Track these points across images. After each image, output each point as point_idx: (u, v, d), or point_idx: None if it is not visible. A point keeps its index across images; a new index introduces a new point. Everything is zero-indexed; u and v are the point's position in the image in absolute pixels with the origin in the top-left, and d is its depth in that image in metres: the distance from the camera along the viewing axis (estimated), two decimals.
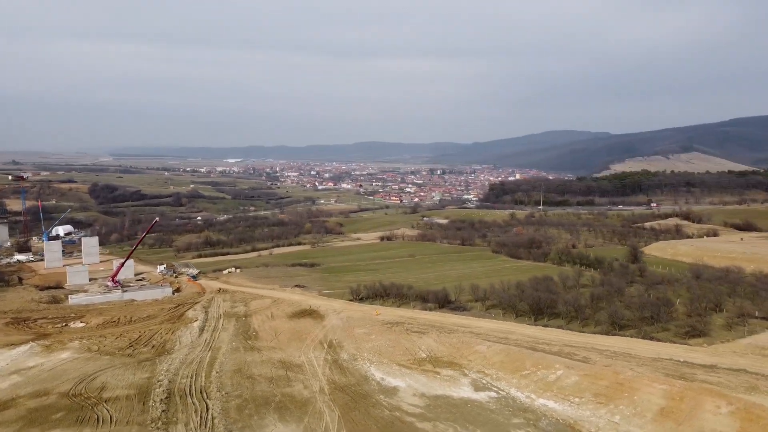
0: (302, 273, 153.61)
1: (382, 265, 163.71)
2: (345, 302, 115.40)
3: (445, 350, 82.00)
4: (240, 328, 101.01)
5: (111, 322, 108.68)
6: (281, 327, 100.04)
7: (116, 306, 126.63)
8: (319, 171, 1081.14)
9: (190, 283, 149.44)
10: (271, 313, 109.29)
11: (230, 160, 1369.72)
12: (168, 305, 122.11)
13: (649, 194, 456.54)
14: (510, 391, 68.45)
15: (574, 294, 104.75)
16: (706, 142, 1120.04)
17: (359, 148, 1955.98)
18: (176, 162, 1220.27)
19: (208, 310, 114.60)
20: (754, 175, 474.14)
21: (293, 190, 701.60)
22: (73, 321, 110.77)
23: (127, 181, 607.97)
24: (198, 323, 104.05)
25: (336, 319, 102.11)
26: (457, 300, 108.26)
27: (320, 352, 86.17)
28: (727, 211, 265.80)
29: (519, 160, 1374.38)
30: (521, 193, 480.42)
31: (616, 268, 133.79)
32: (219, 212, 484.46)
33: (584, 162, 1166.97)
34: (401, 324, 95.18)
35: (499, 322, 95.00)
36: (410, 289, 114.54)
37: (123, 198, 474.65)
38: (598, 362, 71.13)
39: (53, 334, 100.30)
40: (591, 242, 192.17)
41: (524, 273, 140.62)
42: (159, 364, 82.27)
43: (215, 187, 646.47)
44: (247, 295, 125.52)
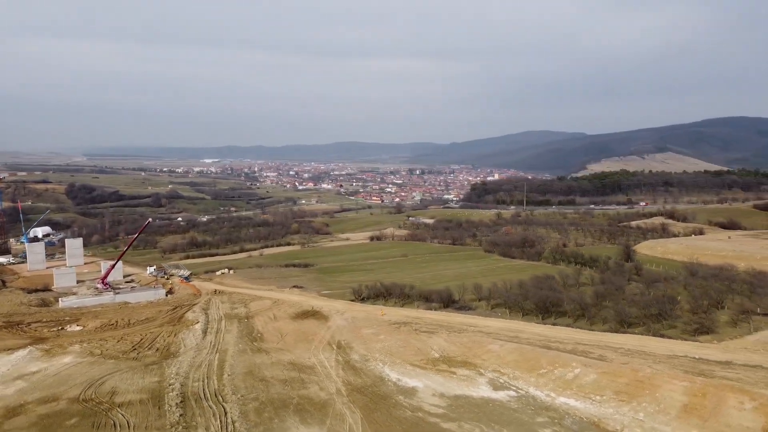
0: (297, 274, 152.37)
1: (376, 265, 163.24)
2: (347, 303, 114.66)
3: (457, 350, 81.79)
4: (244, 330, 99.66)
5: (109, 325, 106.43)
6: (286, 328, 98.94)
7: (110, 309, 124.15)
8: (297, 171, 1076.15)
9: (183, 285, 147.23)
10: (273, 314, 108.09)
11: (207, 160, 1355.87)
12: (165, 307, 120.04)
13: (629, 194, 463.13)
14: (529, 390, 68.46)
15: (578, 292, 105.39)
16: (680, 142, 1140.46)
17: (337, 148, 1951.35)
18: (152, 162, 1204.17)
19: (207, 312, 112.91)
20: (729, 174, 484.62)
21: (273, 190, 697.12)
22: (68, 324, 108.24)
23: (103, 181, 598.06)
24: (200, 325, 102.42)
25: (341, 320, 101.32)
26: (461, 299, 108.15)
27: (330, 353, 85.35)
28: (710, 209, 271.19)
29: (497, 160, 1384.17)
30: (503, 193, 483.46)
31: (611, 266, 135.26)
32: (199, 213, 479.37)
33: (561, 162, 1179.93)
34: (409, 324, 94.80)
35: (507, 321, 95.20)
36: (412, 289, 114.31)
37: (101, 199, 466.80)
38: (615, 360, 71.56)
39: (50, 338, 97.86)
40: (581, 241, 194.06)
41: (520, 272, 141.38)
42: (167, 367, 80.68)
43: (194, 187, 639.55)
44: (245, 297, 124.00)
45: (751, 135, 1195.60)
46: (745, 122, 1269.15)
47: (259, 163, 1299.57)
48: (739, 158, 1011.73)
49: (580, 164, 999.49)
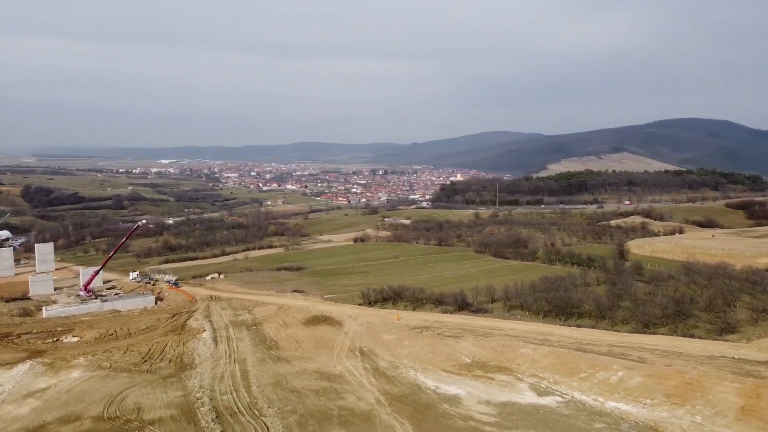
0: (291, 277, 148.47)
1: (371, 267, 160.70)
2: (356, 307, 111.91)
3: (488, 354, 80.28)
4: (256, 337, 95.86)
5: (108, 335, 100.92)
6: (300, 335, 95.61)
7: (103, 318, 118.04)
8: (259, 172, 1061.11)
9: (172, 291, 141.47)
10: (282, 320, 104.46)
11: (164, 161, 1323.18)
12: (163, 315, 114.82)
13: (594, 193, 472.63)
14: (574, 394, 67.42)
15: (587, 292, 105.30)
16: (635, 142, 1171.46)
17: (297, 148, 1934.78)
18: (106, 163, 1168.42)
19: (210, 319, 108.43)
20: (689, 174, 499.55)
21: (237, 191, 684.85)
22: (64, 335, 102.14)
23: (58, 183, 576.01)
24: (208, 334, 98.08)
25: (355, 325, 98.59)
26: (474, 302, 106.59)
27: (355, 361, 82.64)
28: (685, 208, 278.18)
29: (457, 160, 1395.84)
30: (472, 193, 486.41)
31: (610, 266, 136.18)
32: (163, 215, 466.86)
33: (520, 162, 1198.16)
34: (430, 328, 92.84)
35: (530, 324, 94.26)
36: (422, 292, 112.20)
37: (59, 201, 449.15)
38: (656, 362, 71.22)
39: (49, 351, 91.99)
40: (567, 241, 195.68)
41: (520, 273, 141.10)
42: (187, 379, 76.63)
43: (155, 188, 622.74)
44: (246, 302, 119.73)
45: (701, 136, 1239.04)
46: (696, 124, 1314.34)
47: (219, 163, 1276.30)
48: (690, 158, 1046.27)
49: (541, 164, 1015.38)
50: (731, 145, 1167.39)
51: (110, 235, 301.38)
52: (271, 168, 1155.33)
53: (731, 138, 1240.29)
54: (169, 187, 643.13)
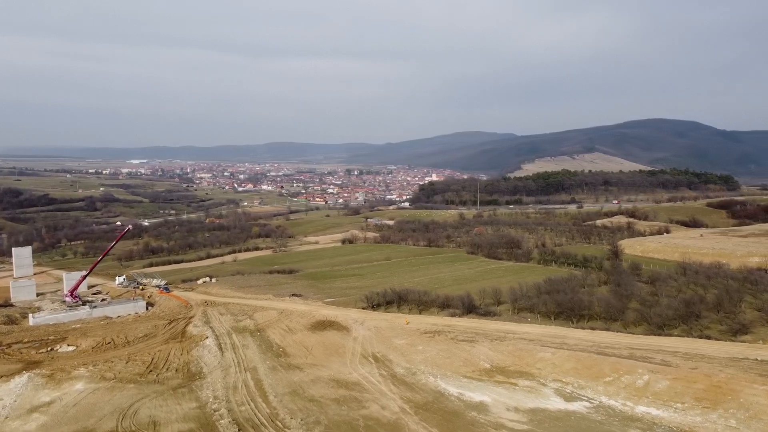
0: (285, 281, 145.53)
1: (365, 270, 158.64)
2: (360, 311, 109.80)
3: (506, 359, 79.05)
4: (262, 344, 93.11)
5: (105, 344, 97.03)
6: (308, 341, 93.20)
7: (96, 325, 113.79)
8: (233, 172, 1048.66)
9: (163, 296, 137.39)
10: (286, 326, 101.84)
11: (134, 161, 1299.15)
12: (159, 321, 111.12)
13: (572, 193, 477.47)
14: (602, 399, 66.52)
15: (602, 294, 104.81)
16: (606, 142, 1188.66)
17: (270, 148, 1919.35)
18: (75, 163, 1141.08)
19: (210, 325, 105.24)
20: (662, 174, 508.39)
21: (212, 192, 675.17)
22: (57, 345, 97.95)
23: (27, 184, 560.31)
24: (211, 341, 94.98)
25: (363, 330, 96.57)
26: (482, 305, 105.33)
27: (370, 367, 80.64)
28: (667, 208, 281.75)
29: (432, 160, 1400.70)
30: (451, 193, 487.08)
31: (607, 267, 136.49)
32: (138, 216, 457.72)
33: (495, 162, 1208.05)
34: (442, 333, 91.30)
35: (542, 327, 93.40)
36: (426, 295, 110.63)
37: (29, 203, 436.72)
38: (681, 365, 70.74)
39: (45, 362, 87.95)
40: (557, 241, 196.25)
41: (517, 274, 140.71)
42: (199, 390, 73.80)
43: (128, 189, 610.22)
44: (245, 307, 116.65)
45: (669, 136, 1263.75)
46: (664, 124, 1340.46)
47: (191, 164, 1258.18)
48: (660, 158, 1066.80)
49: (515, 164, 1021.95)
50: (699, 145, 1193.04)
51: (86, 237, 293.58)
52: (245, 168, 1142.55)
53: (698, 138, 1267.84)
54: (142, 188, 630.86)
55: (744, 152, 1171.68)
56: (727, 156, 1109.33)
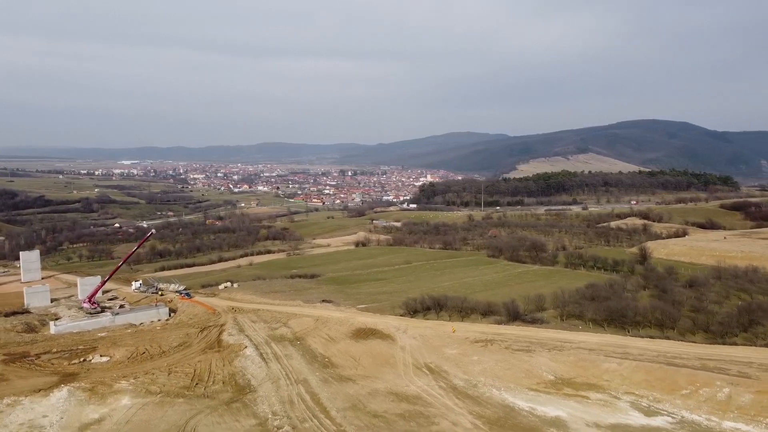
0: (309, 286, 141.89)
1: (388, 274, 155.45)
2: (398, 318, 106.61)
3: (570, 370, 76.25)
4: (305, 354, 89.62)
5: (140, 354, 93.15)
6: (353, 351, 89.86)
7: (121, 333, 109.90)
8: (226, 173, 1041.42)
9: (185, 302, 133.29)
10: (326, 334, 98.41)
11: (125, 162, 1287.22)
12: (190, 330, 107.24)
13: (572, 194, 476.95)
14: (683, 414, 63.87)
15: (648, 300, 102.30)
16: (598, 143, 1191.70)
17: (261, 149, 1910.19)
18: (65, 164, 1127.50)
19: (246, 333, 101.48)
20: (662, 174, 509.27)
21: (208, 193, 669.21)
22: (89, 355, 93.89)
23: (20, 185, 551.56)
24: (251, 351, 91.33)
25: (408, 339, 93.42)
26: (526, 311, 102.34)
27: (426, 379, 77.55)
28: (679, 210, 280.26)
29: (425, 161, 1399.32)
30: (452, 194, 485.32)
31: (640, 271, 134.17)
32: (135, 218, 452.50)
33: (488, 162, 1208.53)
34: (494, 342, 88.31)
35: (599, 335, 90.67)
36: (466, 301, 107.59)
37: (25, 205, 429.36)
38: (762, 377, 68.16)
39: (81, 374, 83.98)
40: (577, 243, 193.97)
41: (547, 278, 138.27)
42: (253, 405, 70.42)
43: (123, 191, 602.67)
44: (276, 314, 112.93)
45: (661, 137, 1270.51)
46: (655, 125, 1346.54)
47: (183, 164, 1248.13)
48: (653, 158, 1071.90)
49: (508, 165, 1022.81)
50: (690, 146, 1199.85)
51: (88, 240, 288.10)
52: (238, 169, 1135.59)
53: (689, 139, 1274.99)
54: (137, 189, 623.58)
55: (734, 153, 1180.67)
56: (718, 156, 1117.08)
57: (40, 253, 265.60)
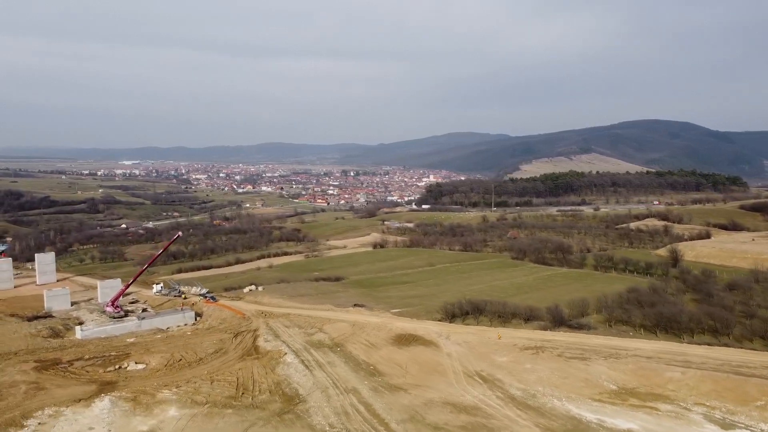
0: (335, 289, 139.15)
1: (413, 277, 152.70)
2: (436, 323, 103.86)
3: (631, 379, 73.61)
4: (348, 361, 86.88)
5: (176, 361, 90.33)
6: (397, 358, 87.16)
7: (151, 338, 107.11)
8: (228, 173, 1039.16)
9: (211, 305, 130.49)
10: (365, 340, 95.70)
11: (126, 162, 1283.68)
12: (222, 335, 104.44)
13: (581, 194, 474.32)
14: (762, 427, 61.41)
15: (707, 307, 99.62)
16: (601, 143, 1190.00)
17: (261, 149, 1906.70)
18: (66, 164, 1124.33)
19: (281, 339, 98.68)
20: (670, 175, 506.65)
21: (212, 193, 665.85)
22: (123, 362, 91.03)
23: (24, 185, 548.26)
24: (291, 358, 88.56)
25: (453, 345, 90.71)
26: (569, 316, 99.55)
27: (480, 388, 74.86)
28: (698, 210, 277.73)
29: (426, 161, 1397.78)
30: (459, 194, 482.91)
31: (674, 274, 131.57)
32: (141, 219, 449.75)
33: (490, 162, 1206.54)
34: (544, 348, 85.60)
35: (652, 342, 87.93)
36: (506, 306, 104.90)
37: (31, 205, 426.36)
38: None
39: (119, 382, 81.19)
40: (602, 245, 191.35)
41: (579, 281, 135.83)
42: (307, 416, 67.74)
43: (127, 191, 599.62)
44: (309, 319, 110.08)
45: (663, 137, 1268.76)
46: (657, 125, 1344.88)
47: (184, 164, 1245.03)
48: (655, 159, 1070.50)
49: (510, 165, 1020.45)
50: (692, 146, 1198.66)
51: (98, 241, 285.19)
52: (239, 169, 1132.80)
53: (691, 139, 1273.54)
54: (141, 190, 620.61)
55: (736, 153, 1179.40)
56: (720, 156, 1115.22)
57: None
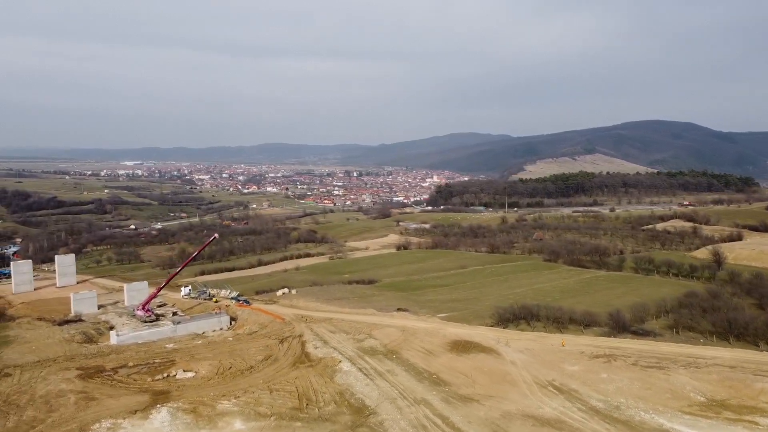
0: (371, 292, 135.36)
1: (448, 279, 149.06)
2: (489, 328, 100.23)
3: (719, 390, 69.84)
4: (408, 370, 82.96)
5: (227, 369, 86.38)
6: (459, 366, 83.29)
7: (195, 345, 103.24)
8: (230, 173, 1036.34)
9: (245, 309, 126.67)
10: (420, 347, 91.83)
11: (128, 163, 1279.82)
12: (267, 341, 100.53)
13: (592, 195, 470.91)
14: None
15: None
16: (604, 144, 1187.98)
17: (262, 149, 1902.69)
18: (68, 164, 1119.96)
19: (331, 345, 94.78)
20: (681, 176, 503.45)
21: (218, 194, 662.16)
22: (170, 369, 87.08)
23: (28, 186, 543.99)
24: (347, 365, 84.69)
25: (515, 353, 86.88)
26: (632, 322, 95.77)
27: (558, 399, 71.03)
28: (722, 212, 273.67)
29: (428, 161, 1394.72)
30: (469, 195, 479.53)
31: (722, 277, 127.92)
32: (149, 219, 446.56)
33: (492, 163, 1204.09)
34: (616, 357, 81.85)
35: (728, 350, 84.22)
36: (560, 311, 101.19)
37: (39, 206, 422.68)
38: None
39: (172, 392, 77.27)
40: (635, 247, 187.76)
41: (625, 284, 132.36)
42: (382, 430, 63.94)
43: (132, 191, 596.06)
44: (354, 324, 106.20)
45: (666, 137, 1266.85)
46: (660, 125, 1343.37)
47: (186, 165, 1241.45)
48: (659, 159, 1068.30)
49: (516, 165, 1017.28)
50: (696, 147, 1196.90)
51: (111, 242, 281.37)
52: (242, 170, 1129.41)
53: (694, 139, 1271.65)
54: (146, 190, 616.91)
55: (740, 153, 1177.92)
56: (724, 157, 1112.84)
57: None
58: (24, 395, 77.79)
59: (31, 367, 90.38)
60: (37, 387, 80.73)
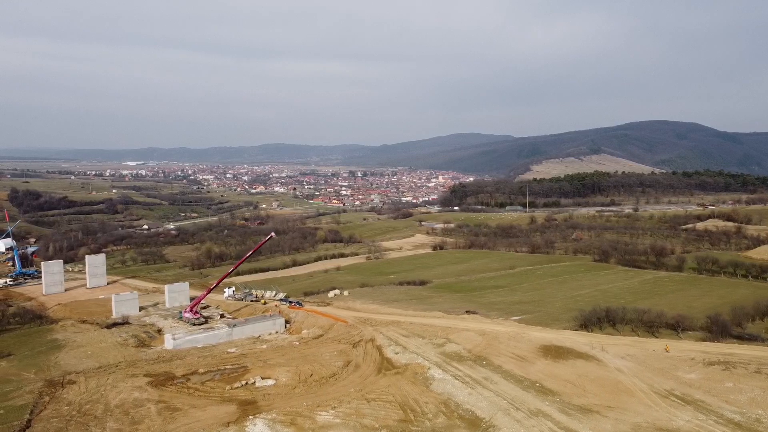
0: (426, 294, 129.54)
1: (502, 280, 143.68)
2: (575, 332, 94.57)
3: None
4: (506, 377, 77.18)
5: (309, 376, 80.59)
6: (561, 373, 77.56)
7: (262, 350, 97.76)
8: (234, 174, 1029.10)
9: (300, 311, 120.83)
10: (510, 353, 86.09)
11: (131, 163, 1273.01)
12: (337, 345, 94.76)
13: (608, 194, 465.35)
14: None
15: None
16: (610, 144, 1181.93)
17: (264, 150, 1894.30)
18: (71, 165, 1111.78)
19: (412, 351, 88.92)
20: (698, 175, 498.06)
21: (226, 194, 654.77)
22: (250, 377, 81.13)
23: (36, 186, 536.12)
24: (438, 372, 78.96)
25: (617, 359, 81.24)
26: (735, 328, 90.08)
27: (688, 411, 65.35)
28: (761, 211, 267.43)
29: (431, 161, 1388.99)
30: (484, 195, 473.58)
31: None
32: (161, 219, 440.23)
33: (496, 163, 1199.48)
34: (735, 364, 76.29)
35: None
36: (648, 314, 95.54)
37: (50, 206, 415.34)
38: None
39: (258, 402, 71.49)
40: (685, 247, 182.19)
41: (693, 285, 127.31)
42: None
43: (141, 192, 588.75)
44: (428, 328, 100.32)
45: (671, 138, 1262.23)
46: (665, 126, 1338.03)
47: (189, 165, 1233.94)
48: (665, 159, 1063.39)
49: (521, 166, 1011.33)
50: (701, 147, 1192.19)
51: (131, 242, 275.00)
52: (245, 170, 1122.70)
53: (699, 140, 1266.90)
54: (154, 191, 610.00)
55: (745, 153, 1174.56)
56: (729, 157, 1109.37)
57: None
58: (98, 404, 72.13)
59: (94, 373, 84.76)
60: (109, 395, 75.03)
